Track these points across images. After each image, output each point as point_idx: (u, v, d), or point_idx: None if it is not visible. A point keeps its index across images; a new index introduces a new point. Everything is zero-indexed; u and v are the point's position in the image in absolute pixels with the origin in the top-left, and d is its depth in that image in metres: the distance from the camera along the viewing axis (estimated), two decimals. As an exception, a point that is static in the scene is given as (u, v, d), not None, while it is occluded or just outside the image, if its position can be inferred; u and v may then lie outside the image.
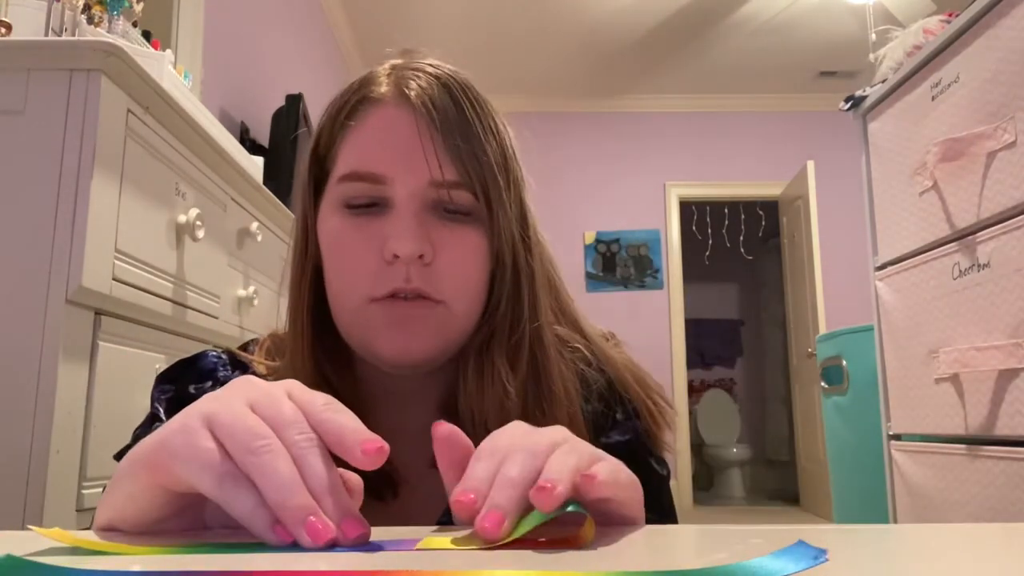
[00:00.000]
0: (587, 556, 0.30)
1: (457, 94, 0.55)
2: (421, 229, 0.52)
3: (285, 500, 0.30)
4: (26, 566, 0.26)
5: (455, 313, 0.55)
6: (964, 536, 0.38)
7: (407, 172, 0.53)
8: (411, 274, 0.52)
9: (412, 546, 0.31)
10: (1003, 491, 1.28)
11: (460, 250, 0.54)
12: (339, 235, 0.55)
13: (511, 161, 0.58)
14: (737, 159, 5.07)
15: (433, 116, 0.54)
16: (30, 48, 0.94)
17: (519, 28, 4.21)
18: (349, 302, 0.55)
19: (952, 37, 1.43)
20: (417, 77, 0.56)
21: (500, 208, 0.55)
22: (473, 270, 0.55)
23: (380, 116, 0.55)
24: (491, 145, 0.55)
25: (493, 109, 0.58)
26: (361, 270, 0.54)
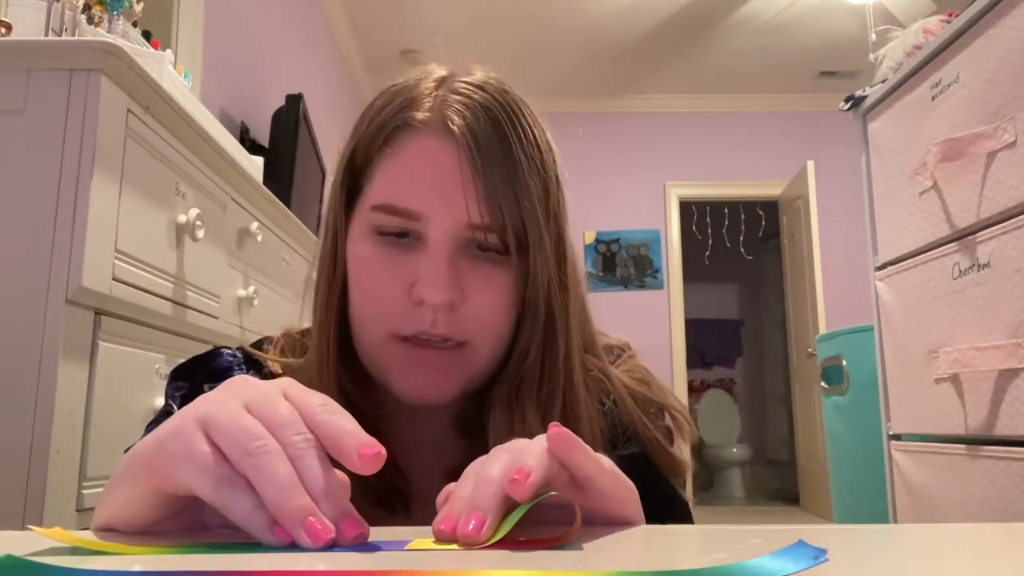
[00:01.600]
0: (587, 556, 0.30)
1: (504, 125, 0.53)
2: (453, 275, 0.51)
3: (283, 501, 0.30)
4: (26, 566, 0.26)
5: (479, 353, 0.53)
6: (964, 536, 0.38)
7: (443, 212, 0.51)
8: (438, 319, 0.51)
9: (403, 546, 0.31)
10: (1003, 491, 1.28)
11: (490, 293, 0.53)
12: (367, 264, 0.53)
13: (554, 194, 0.55)
14: (737, 159, 5.07)
15: (475, 152, 0.51)
16: (30, 48, 0.94)
17: (519, 28, 4.21)
18: (372, 333, 0.53)
19: (952, 37, 1.43)
20: (462, 104, 0.53)
21: (537, 251, 0.53)
22: (501, 312, 0.54)
23: (419, 146, 0.52)
24: (534, 181, 0.53)
25: (541, 130, 0.56)
26: (387, 306, 0.52)
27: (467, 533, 0.31)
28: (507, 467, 0.34)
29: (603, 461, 0.38)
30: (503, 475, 0.33)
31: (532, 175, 0.53)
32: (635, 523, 0.38)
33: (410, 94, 0.54)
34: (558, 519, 0.35)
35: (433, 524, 0.33)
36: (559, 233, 0.56)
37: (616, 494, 0.38)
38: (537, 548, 0.31)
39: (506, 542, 0.31)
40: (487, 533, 0.31)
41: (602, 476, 0.37)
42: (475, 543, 0.31)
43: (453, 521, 0.32)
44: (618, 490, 0.38)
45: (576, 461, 0.36)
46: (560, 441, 0.36)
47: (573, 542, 0.32)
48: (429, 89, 0.55)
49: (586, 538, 0.33)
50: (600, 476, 0.37)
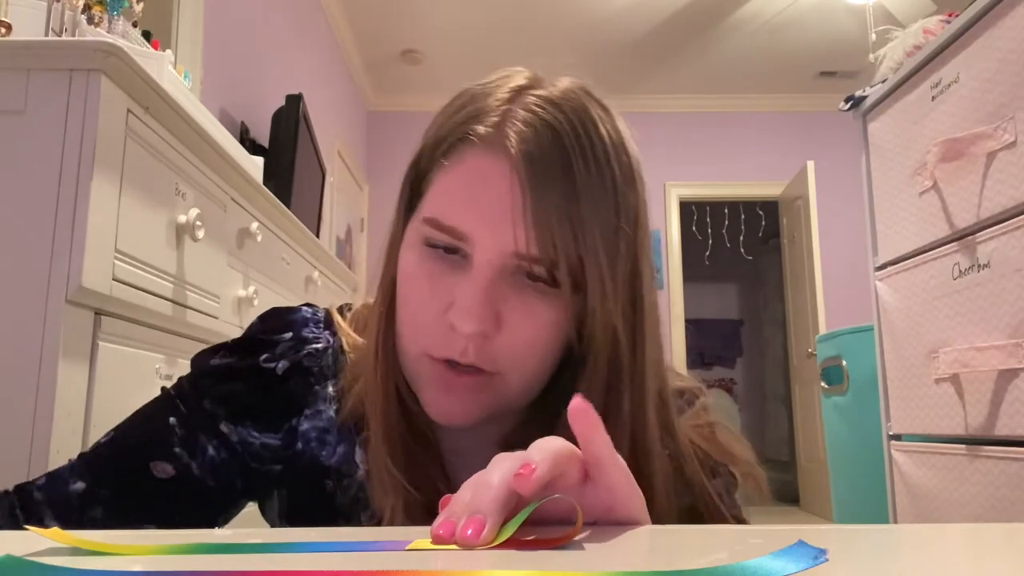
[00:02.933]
0: (587, 556, 0.30)
1: (570, 150, 0.48)
2: (488, 305, 0.48)
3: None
4: (26, 566, 0.26)
5: (509, 383, 0.51)
6: (964, 536, 0.38)
7: (490, 237, 0.48)
8: (468, 348, 0.49)
9: (403, 546, 0.31)
10: (1003, 491, 1.28)
11: (528, 325, 0.50)
12: (411, 276, 0.52)
13: (627, 230, 0.51)
14: (737, 159, 5.07)
15: (530, 177, 0.47)
16: (30, 48, 0.94)
17: (518, 28, 4.21)
18: (408, 347, 0.52)
19: (952, 37, 1.43)
20: (527, 122, 0.49)
21: (597, 293, 0.49)
22: (539, 346, 0.50)
23: (475, 163, 0.49)
24: (601, 214, 0.49)
25: (622, 157, 0.51)
26: (422, 324, 0.51)
27: (466, 537, 0.31)
28: (508, 472, 0.33)
29: (618, 457, 0.38)
30: (504, 480, 0.33)
31: (599, 207, 0.49)
32: (640, 524, 0.38)
33: (480, 103, 0.52)
34: (560, 521, 0.35)
35: (432, 528, 0.33)
36: (633, 272, 0.51)
37: (623, 490, 0.38)
38: (538, 548, 0.31)
39: (507, 542, 0.31)
40: (487, 537, 0.31)
41: (614, 467, 0.37)
42: (474, 548, 0.31)
43: (452, 525, 0.32)
44: (626, 487, 0.38)
45: (592, 438, 0.36)
46: (582, 414, 0.36)
47: (574, 543, 0.32)
48: (500, 100, 0.51)
49: (587, 538, 0.33)
50: (612, 466, 0.37)
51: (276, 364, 0.58)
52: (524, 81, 0.53)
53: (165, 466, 0.56)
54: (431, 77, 4.75)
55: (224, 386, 0.58)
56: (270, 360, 0.58)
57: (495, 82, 0.54)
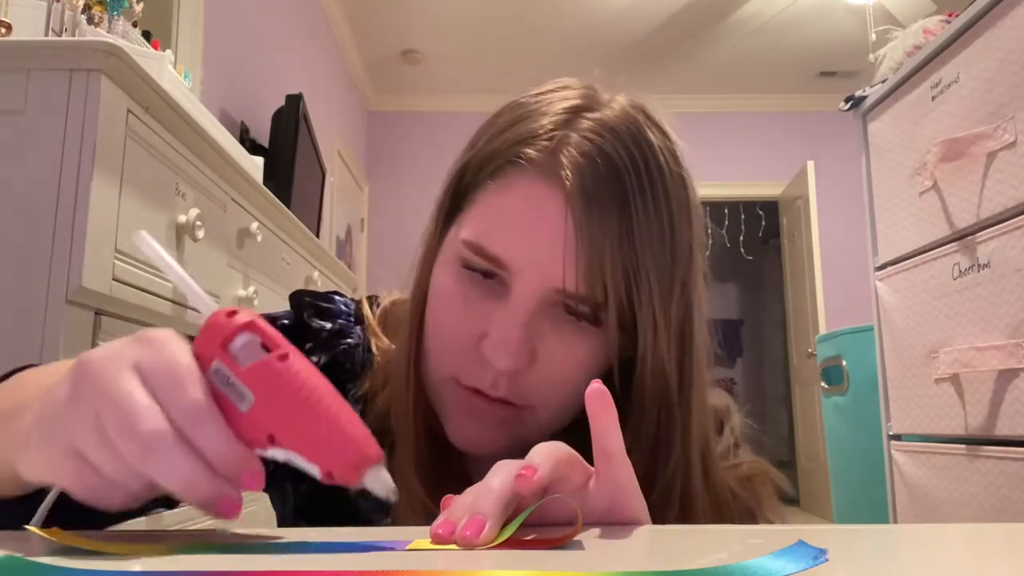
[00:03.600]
0: (587, 556, 0.30)
1: (628, 184, 0.45)
2: (525, 340, 0.46)
3: (193, 495, 0.29)
4: (26, 566, 0.26)
5: (538, 417, 0.49)
6: (964, 536, 0.38)
7: (533, 270, 0.46)
8: (499, 382, 0.47)
9: (403, 546, 0.31)
10: (1003, 491, 1.28)
11: (563, 360, 0.47)
12: (446, 297, 0.49)
13: (682, 267, 0.48)
14: (737, 159, 5.07)
15: (584, 212, 0.44)
16: (30, 48, 0.94)
17: (518, 28, 4.21)
18: (435, 369, 0.50)
19: (952, 37, 1.43)
20: (582, 150, 0.46)
21: (648, 335, 0.46)
22: (573, 383, 0.47)
23: (525, 190, 0.46)
24: (656, 254, 0.46)
25: (681, 186, 0.49)
26: (453, 348, 0.48)
27: (465, 537, 0.31)
28: (509, 475, 0.33)
29: (626, 455, 0.38)
30: (505, 483, 0.33)
31: (655, 247, 0.46)
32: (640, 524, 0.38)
33: (533, 124, 0.48)
34: (560, 521, 0.35)
35: (431, 529, 0.33)
36: (686, 314, 0.49)
37: (627, 489, 0.38)
38: (538, 548, 0.31)
39: (507, 542, 0.31)
40: (487, 537, 0.31)
41: (622, 463, 0.37)
42: (474, 547, 0.31)
43: (452, 525, 0.32)
44: (630, 486, 0.38)
45: (606, 428, 0.36)
46: (598, 399, 0.36)
47: (574, 542, 0.32)
48: (554, 123, 0.48)
49: (587, 538, 0.33)
50: (620, 462, 0.37)
51: (318, 358, 0.56)
52: (579, 100, 0.50)
53: None
54: (431, 77, 4.75)
55: None
56: (312, 352, 0.56)
57: (548, 97, 0.51)
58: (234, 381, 0.31)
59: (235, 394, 0.31)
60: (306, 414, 0.31)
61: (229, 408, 0.31)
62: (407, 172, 4.89)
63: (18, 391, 0.39)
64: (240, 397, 0.31)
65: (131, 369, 0.30)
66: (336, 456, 0.31)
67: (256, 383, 0.31)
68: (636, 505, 0.38)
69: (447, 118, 4.86)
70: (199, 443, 0.30)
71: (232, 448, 0.30)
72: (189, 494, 0.29)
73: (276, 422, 0.31)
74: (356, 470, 0.31)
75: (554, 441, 0.37)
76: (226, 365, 0.31)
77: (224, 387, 0.31)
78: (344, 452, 0.31)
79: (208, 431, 0.30)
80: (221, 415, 0.30)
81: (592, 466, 0.38)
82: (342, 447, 0.31)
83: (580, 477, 0.37)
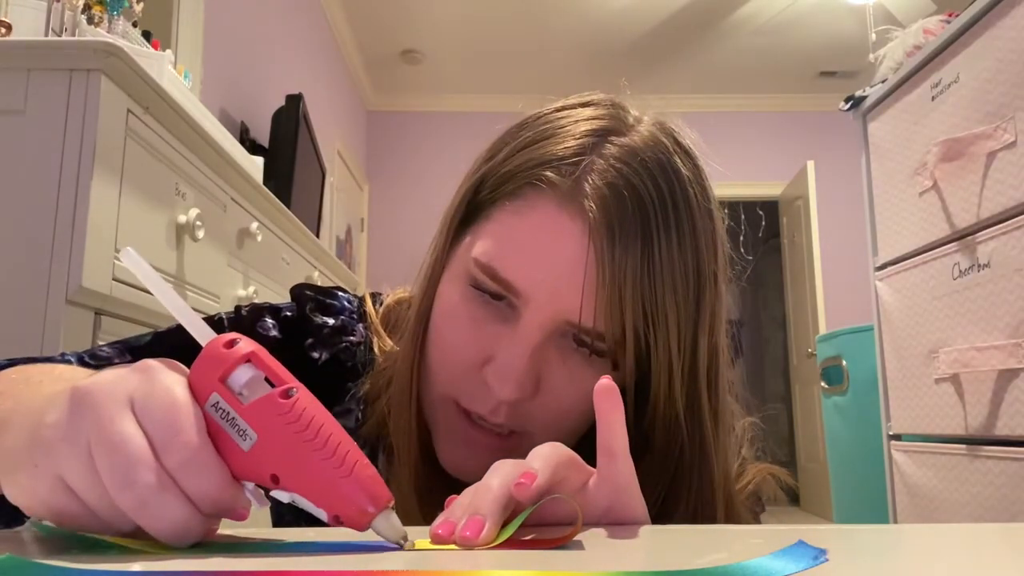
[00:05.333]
0: (587, 556, 0.30)
1: (653, 217, 0.43)
2: (531, 370, 0.44)
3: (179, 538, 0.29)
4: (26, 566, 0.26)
5: (535, 444, 0.48)
6: (964, 536, 0.38)
7: (547, 300, 0.44)
8: (500, 410, 0.46)
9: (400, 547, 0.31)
10: (1003, 491, 1.28)
11: (568, 391, 0.46)
12: (451, 315, 0.48)
13: (707, 305, 0.46)
14: (737, 159, 5.07)
15: (610, 246, 0.43)
16: (30, 48, 0.94)
17: (518, 28, 4.21)
18: (434, 386, 0.49)
19: (952, 37, 1.43)
20: (606, 179, 0.44)
21: (663, 377, 0.45)
22: (575, 414, 0.46)
23: (544, 216, 0.44)
24: (678, 289, 0.44)
25: (705, 215, 0.47)
26: (455, 371, 0.47)
27: (465, 537, 0.31)
28: (508, 477, 0.33)
29: (629, 455, 0.37)
30: (504, 484, 0.33)
31: (679, 285, 0.44)
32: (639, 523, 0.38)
33: (556, 145, 0.46)
34: (560, 522, 0.35)
35: (430, 529, 0.33)
36: (710, 351, 0.47)
37: (628, 488, 0.38)
38: (538, 548, 0.31)
39: (506, 542, 0.31)
40: (486, 537, 0.31)
41: (625, 462, 0.37)
42: (473, 547, 0.31)
43: (452, 525, 0.32)
44: (631, 486, 0.38)
45: (612, 426, 0.36)
46: (606, 395, 0.35)
47: (574, 542, 0.32)
48: (579, 145, 0.46)
49: (587, 538, 0.33)
50: (623, 461, 0.37)
51: (319, 354, 0.55)
52: (605, 121, 0.47)
53: None
54: (431, 77, 4.75)
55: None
56: (313, 348, 0.55)
57: (573, 114, 0.48)
58: (235, 417, 0.30)
59: (236, 431, 0.30)
60: (312, 456, 0.29)
61: (229, 445, 0.30)
62: (407, 172, 4.89)
63: (2, 398, 0.37)
64: (242, 435, 0.30)
65: (128, 407, 0.29)
66: (344, 501, 0.30)
67: (259, 421, 0.29)
68: (636, 505, 0.38)
69: (447, 118, 4.86)
70: (191, 491, 0.29)
71: (225, 492, 0.29)
72: (176, 540, 0.29)
73: (280, 463, 0.29)
74: (365, 516, 0.30)
75: (553, 442, 0.37)
76: (225, 400, 0.30)
77: (224, 422, 0.30)
78: (353, 497, 0.30)
79: (202, 480, 0.29)
80: (216, 459, 0.29)
81: (593, 466, 0.38)
82: (350, 492, 0.29)
83: (579, 478, 0.37)
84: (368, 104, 4.98)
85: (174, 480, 0.29)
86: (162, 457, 0.28)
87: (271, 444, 0.29)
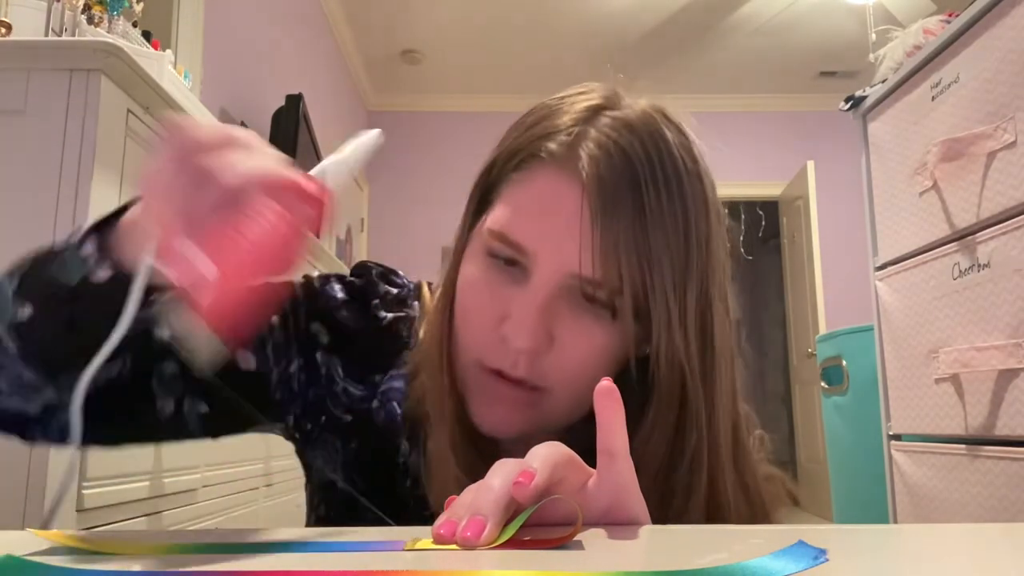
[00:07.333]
0: (587, 556, 0.30)
1: (642, 177, 0.48)
2: (542, 321, 0.48)
3: None
4: (26, 566, 0.26)
5: (557, 401, 0.51)
6: (964, 536, 0.38)
7: (551, 255, 0.48)
8: (519, 362, 0.49)
9: (401, 546, 0.31)
10: (1003, 491, 1.28)
11: (580, 345, 0.49)
12: (471, 284, 0.52)
13: (700, 263, 0.50)
14: (737, 159, 5.07)
15: (604, 201, 0.47)
16: (30, 48, 0.94)
17: (518, 29, 4.21)
18: (462, 354, 0.53)
19: (952, 37, 1.43)
20: (600, 144, 0.48)
21: (663, 323, 0.48)
22: (591, 369, 0.49)
23: (545, 181, 0.50)
24: (671, 246, 0.48)
25: (697, 185, 0.50)
26: (477, 333, 0.51)
27: (466, 538, 0.31)
28: (509, 476, 0.34)
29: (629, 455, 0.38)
30: (505, 484, 0.33)
31: (669, 238, 0.48)
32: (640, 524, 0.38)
33: (554, 120, 0.51)
34: (560, 522, 0.35)
35: (432, 528, 0.33)
36: (704, 304, 0.51)
37: (628, 488, 0.38)
38: (538, 548, 0.31)
39: (507, 542, 0.31)
40: (488, 538, 0.31)
41: (625, 463, 0.37)
42: (474, 548, 0.31)
43: (453, 525, 0.32)
44: (631, 486, 0.38)
45: (612, 427, 0.36)
46: (606, 397, 0.36)
47: (574, 542, 0.32)
48: (574, 119, 0.51)
49: (587, 538, 0.33)
50: (623, 461, 0.37)
51: (384, 315, 0.59)
52: (600, 100, 0.52)
53: (249, 357, 0.55)
54: (431, 77, 4.75)
55: (338, 315, 0.58)
56: (379, 308, 0.59)
57: (572, 98, 0.53)
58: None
59: None
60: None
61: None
62: (407, 172, 4.89)
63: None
64: None
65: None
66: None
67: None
68: (636, 505, 0.38)
69: (447, 118, 4.86)
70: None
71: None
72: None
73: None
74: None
75: (552, 442, 0.37)
76: None
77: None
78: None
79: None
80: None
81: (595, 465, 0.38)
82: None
83: (579, 478, 0.37)
84: (368, 104, 4.99)
85: None
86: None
87: None
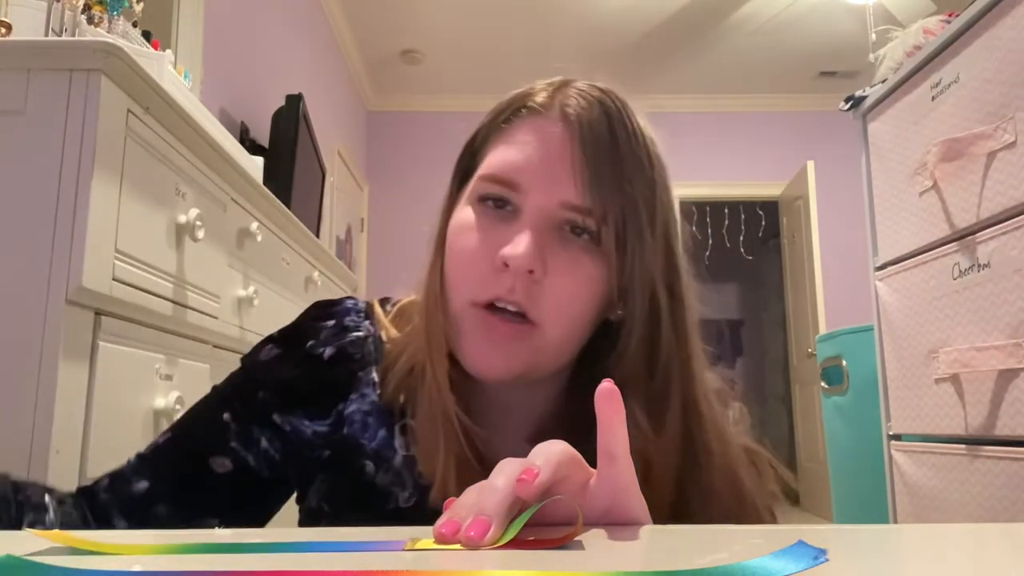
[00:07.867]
0: (587, 556, 0.30)
1: (615, 122, 0.55)
2: (537, 245, 0.51)
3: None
4: (26, 566, 0.26)
5: (548, 339, 0.53)
6: (964, 536, 0.38)
7: (542, 187, 0.53)
8: (516, 286, 0.51)
9: (401, 546, 0.31)
10: (1003, 491, 1.28)
11: (572, 275, 0.53)
12: (463, 228, 0.55)
13: (661, 203, 0.56)
14: (737, 159, 5.07)
15: (585, 137, 0.53)
16: (30, 48, 0.94)
17: (518, 29, 4.21)
18: (454, 300, 0.55)
19: (952, 37, 1.43)
20: (579, 96, 0.55)
21: (636, 244, 0.53)
22: (581, 299, 0.54)
23: (533, 126, 0.55)
24: (640, 179, 0.54)
25: (651, 142, 0.57)
26: (471, 271, 0.53)
27: (471, 537, 0.31)
28: (512, 476, 0.34)
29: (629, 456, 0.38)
30: (509, 483, 0.33)
31: (640, 172, 0.54)
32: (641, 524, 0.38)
33: (531, 88, 0.58)
34: (561, 522, 0.35)
35: (434, 528, 0.33)
36: (667, 244, 0.56)
37: (628, 489, 0.38)
38: (539, 548, 0.31)
39: (508, 542, 0.31)
40: (492, 538, 0.31)
41: (625, 463, 0.37)
42: (479, 548, 0.31)
43: (455, 525, 0.32)
44: (631, 486, 0.38)
45: (612, 428, 0.37)
46: (607, 398, 0.37)
47: (575, 542, 0.32)
48: (550, 83, 0.58)
49: (587, 538, 0.33)
50: (623, 461, 0.37)
51: (323, 350, 0.60)
52: (562, 78, 0.60)
53: (223, 460, 0.58)
54: (431, 77, 4.75)
55: (276, 374, 0.60)
56: (316, 347, 0.60)
57: (541, 81, 0.60)
58: None
59: None
60: None
61: None
62: (407, 172, 4.89)
63: None
64: None
65: None
66: None
67: None
68: (636, 506, 0.38)
69: (447, 118, 4.86)
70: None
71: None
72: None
73: None
74: None
75: (555, 440, 0.37)
76: None
77: None
78: None
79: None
80: None
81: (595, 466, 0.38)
82: None
83: (581, 476, 0.38)
84: (368, 104, 4.98)
85: None
86: None
87: None
